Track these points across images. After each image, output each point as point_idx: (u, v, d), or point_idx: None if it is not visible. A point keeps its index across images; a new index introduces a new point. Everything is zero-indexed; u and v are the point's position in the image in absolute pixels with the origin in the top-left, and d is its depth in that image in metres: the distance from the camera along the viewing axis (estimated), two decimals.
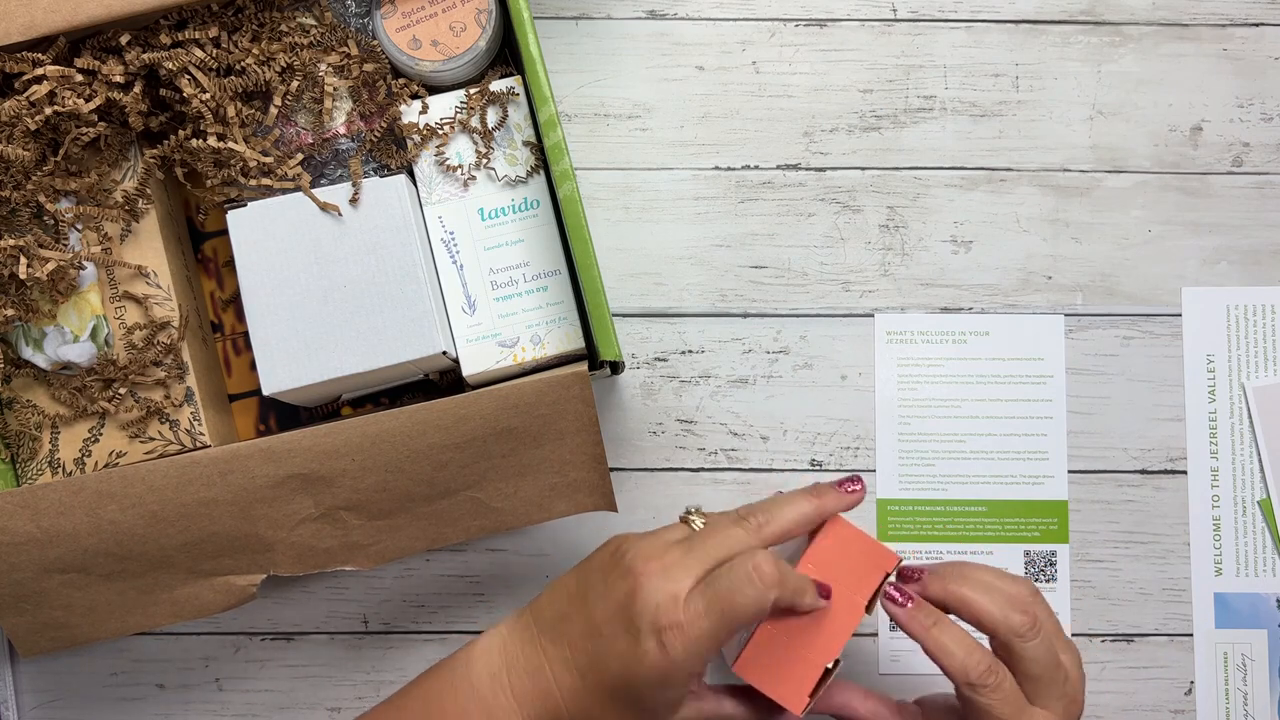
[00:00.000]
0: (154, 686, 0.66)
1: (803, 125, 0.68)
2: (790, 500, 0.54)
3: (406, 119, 0.60)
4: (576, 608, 0.52)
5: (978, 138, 0.68)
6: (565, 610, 0.52)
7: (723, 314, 0.68)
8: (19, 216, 0.58)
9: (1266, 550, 0.67)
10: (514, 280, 0.61)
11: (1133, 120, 0.69)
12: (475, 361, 0.60)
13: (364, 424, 0.55)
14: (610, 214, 0.68)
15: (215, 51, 0.57)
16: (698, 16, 0.69)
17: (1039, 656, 0.51)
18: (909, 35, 0.69)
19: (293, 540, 0.56)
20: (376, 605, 0.67)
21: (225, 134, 0.58)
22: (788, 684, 0.52)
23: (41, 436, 0.60)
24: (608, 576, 0.51)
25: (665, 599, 0.49)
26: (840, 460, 0.67)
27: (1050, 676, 0.51)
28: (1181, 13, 0.69)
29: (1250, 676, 0.66)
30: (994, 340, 0.68)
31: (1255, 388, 0.67)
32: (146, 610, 0.57)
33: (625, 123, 0.68)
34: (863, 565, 0.53)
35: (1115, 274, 0.68)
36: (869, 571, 0.53)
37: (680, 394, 0.68)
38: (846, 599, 0.53)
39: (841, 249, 0.68)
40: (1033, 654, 0.51)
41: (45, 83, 0.56)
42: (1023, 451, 0.67)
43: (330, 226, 0.59)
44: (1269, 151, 0.68)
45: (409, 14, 0.60)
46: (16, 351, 0.59)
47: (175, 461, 0.55)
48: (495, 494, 0.57)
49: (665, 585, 0.49)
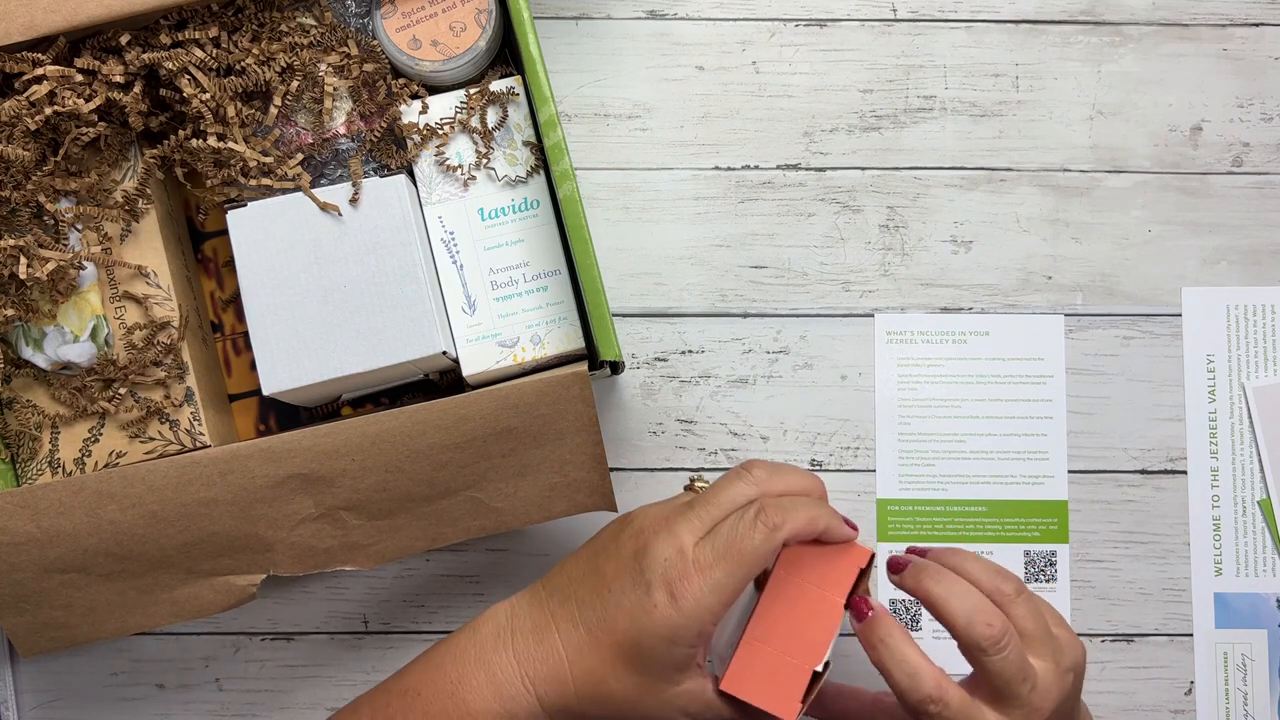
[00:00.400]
0: (154, 686, 0.66)
1: (803, 125, 0.68)
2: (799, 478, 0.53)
3: (406, 119, 0.60)
4: (586, 569, 0.52)
5: (978, 138, 0.68)
6: (575, 574, 0.53)
7: (723, 314, 0.68)
8: (19, 216, 0.58)
9: (1266, 550, 0.67)
10: (514, 280, 0.61)
11: (1133, 120, 0.69)
12: (475, 361, 0.60)
13: (364, 424, 0.55)
14: (610, 214, 0.68)
15: (215, 51, 0.57)
16: (698, 16, 0.69)
17: (1002, 670, 0.49)
18: (909, 35, 0.69)
19: (293, 540, 0.56)
20: (376, 605, 0.67)
21: (225, 134, 0.58)
22: (777, 693, 0.51)
23: (41, 436, 0.60)
24: (618, 538, 0.52)
25: (673, 552, 0.49)
26: (840, 460, 0.67)
27: (1012, 691, 0.49)
28: (1181, 13, 0.69)
29: (1250, 676, 0.66)
30: (994, 340, 0.68)
31: (1255, 388, 0.67)
32: (146, 610, 0.57)
33: (625, 123, 0.68)
34: (838, 563, 0.52)
35: (1115, 274, 0.68)
36: (845, 569, 0.52)
37: (680, 394, 0.68)
38: (824, 599, 0.52)
39: (841, 249, 0.68)
40: (995, 667, 0.49)
41: (45, 83, 0.56)
42: (1023, 451, 0.67)
43: (330, 226, 0.59)
44: (1269, 151, 0.68)
45: (409, 14, 0.60)
46: (16, 351, 0.59)
47: (175, 461, 0.55)
48: (495, 494, 0.57)
49: (672, 539, 0.50)
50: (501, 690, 0.51)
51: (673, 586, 0.49)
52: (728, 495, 0.52)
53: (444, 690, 0.52)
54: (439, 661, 0.53)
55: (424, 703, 0.52)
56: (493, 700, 0.51)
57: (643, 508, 0.53)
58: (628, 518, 0.53)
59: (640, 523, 0.52)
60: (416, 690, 0.52)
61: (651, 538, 0.51)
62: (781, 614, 0.52)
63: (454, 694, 0.52)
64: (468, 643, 0.53)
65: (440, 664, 0.53)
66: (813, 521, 0.51)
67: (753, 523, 0.49)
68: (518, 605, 0.54)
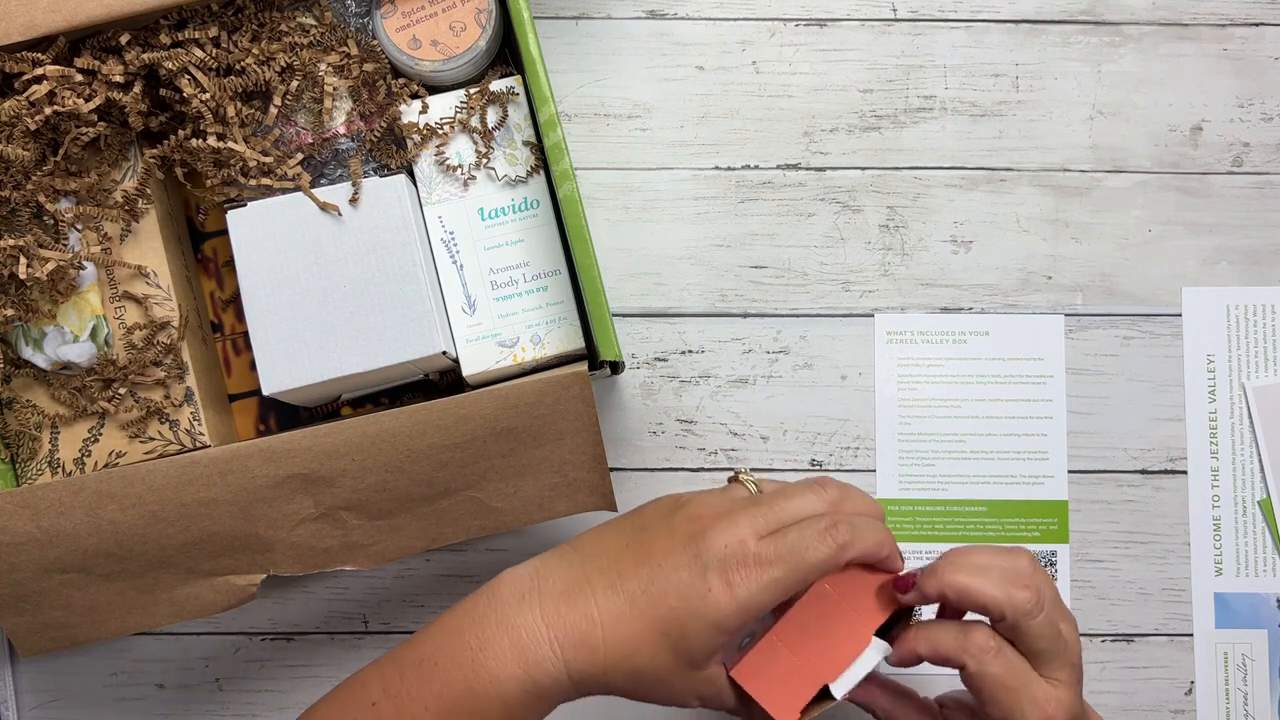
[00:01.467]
0: (154, 686, 0.66)
1: (803, 125, 0.68)
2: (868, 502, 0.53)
3: (406, 119, 0.60)
4: (630, 542, 0.51)
5: (978, 138, 0.68)
6: (615, 544, 0.51)
7: (723, 314, 0.68)
8: (19, 216, 0.58)
9: (1266, 550, 0.67)
10: (514, 280, 0.61)
11: (1133, 120, 0.69)
12: (475, 361, 0.60)
13: (364, 424, 0.55)
14: (610, 214, 0.68)
15: (215, 51, 0.57)
16: (698, 16, 0.69)
17: (1044, 631, 0.49)
18: (909, 35, 0.69)
19: (293, 540, 0.56)
20: (376, 605, 0.67)
21: (225, 134, 0.58)
22: (781, 696, 0.51)
23: (41, 436, 0.60)
24: (670, 519, 0.51)
25: (734, 541, 0.49)
26: (840, 460, 0.67)
27: (1054, 649, 0.50)
28: (1181, 13, 0.69)
29: (1250, 676, 0.66)
30: (994, 340, 0.68)
31: (1255, 388, 0.67)
32: (146, 610, 0.57)
33: (625, 123, 0.68)
34: (881, 594, 0.52)
35: (1115, 274, 0.68)
36: (885, 602, 0.52)
37: (680, 394, 0.68)
38: (857, 625, 0.51)
39: (841, 249, 0.68)
40: (1038, 630, 0.49)
41: (45, 83, 0.56)
42: (1023, 451, 0.67)
43: (330, 226, 0.59)
44: (1269, 151, 0.68)
45: (409, 14, 0.60)
46: (16, 351, 0.59)
47: (175, 461, 0.55)
48: (495, 494, 0.57)
49: (734, 529, 0.49)
50: (526, 654, 0.48)
51: (729, 574, 0.48)
52: (797, 503, 0.51)
53: (464, 658, 0.49)
54: (456, 627, 0.50)
55: (442, 672, 0.49)
56: (516, 664, 0.48)
57: (691, 494, 0.52)
58: (677, 501, 0.52)
59: (696, 509, 0.51)
60: (433, 659, 0.49)
61: (712, 524, 0.50)
62: (811, 625, 0.51)
63: (474, 660, 0.48)
64: (486, 606, 0.50)
65: (458, 629, 0.50)
66: (879, 548, 0.51)
67: (822, 534, 0.49)
68: (544, 566, 0.51)
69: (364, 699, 0.50)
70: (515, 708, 0.49)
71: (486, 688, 0.48)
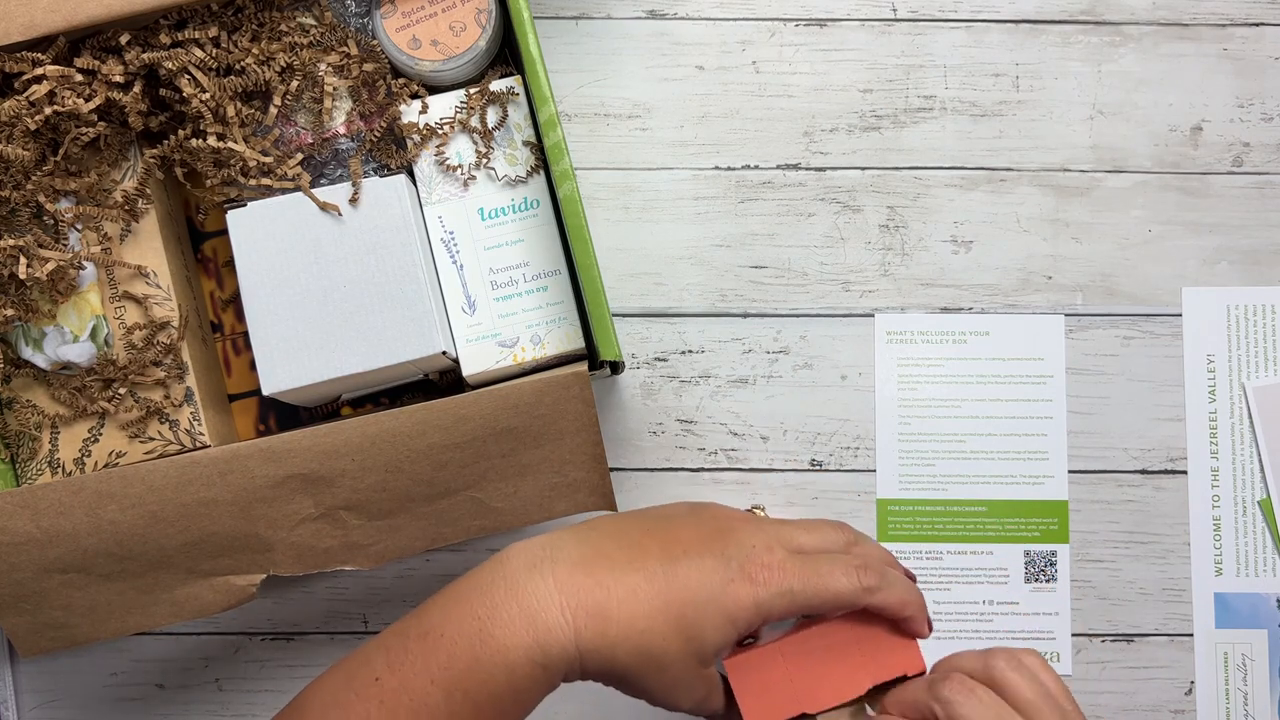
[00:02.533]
0: (154, 686, 0.66)
1: (803, 125, 0.68)
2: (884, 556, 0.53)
3: (406, 119, 0.60)
4: (655, 526, 0.51)
5: (978, 138, 0.68)
6: (637, 526, 0.50)
7: (723, 314, 0.68)
8: (19, 216, 0.58)
9: (1266, 550, 0.67)
10: (514, 280, 0.61)
11: (1133, 120, 0.69)
12: (475, 361, 0.60)
13: (364, 424, 0.55)
14: (610, 214, 0.68)
15: (215, 51, 0.57)
16: (698, 16, 0.69)
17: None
18: (909, 35, 0.69)
19: (293, 540, 0.56)
20: (376, 605, 0.67)
21: (225, 134, 0.58)
22: (761, 703, 0.50)
23: (41, 436, 0.60)
24: (698, 514, 0.51)
25: (762, 544, 0.49)
26: (840, 460, 0.67)
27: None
28: (1181, 13, 0.69)
29: (1250, 676, 0.66)
30: (994, 340, 0.68)
31: (1255, 388, 0.67)
32: (146, 610, 0.57)
33: (625, 123, 0.68)
34: (891, 653, 0.51)
35: (1115, 274, 0.68)
36: (892, 664, 0.51)
37: (680, 394, 0.68)
38: (856, 671, 0.51)
39: (841, 249, 0.68)
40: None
41: (45, 83, 0.56)
42: (1023, 451, 0.67)
43: (330, 226, 0.59)
44: (1269, 151, 0.68)
45: (409, 14, 0.60)
46: (16, 351, 0.59)
47: (175, 461, 0.55)
48: (495, 494, 0.57)
49: (763, 535, 0.50)
50: (536, 620, 0.47)
51: (753, 572, 0.48)
52: (822, 533, 0.52)
53: (470, 628, 0.47)
54: (463, 596, 0.48)
55: (448, 644, 0.47)
56: (525, 631, 0.46)
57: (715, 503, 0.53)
58: (704, 505, 0.53)
59: (725, 510, 0.52)
60: (439, 631, 0.47)
61: (741, 525, 0.50)
62: (818, 652, 0.51)
63: (481, 630, 0.47)
64: (494, 575, 0.48)
65: (465, 598, 0.48)
66: (904, 605, 0.50)
67: (849, 570, 0.49)
68: (558, 538, 0.49)
69: (368, 674, 0.48)
70: (521, 680, 0.47)
71: (493, 657, 0.47)
